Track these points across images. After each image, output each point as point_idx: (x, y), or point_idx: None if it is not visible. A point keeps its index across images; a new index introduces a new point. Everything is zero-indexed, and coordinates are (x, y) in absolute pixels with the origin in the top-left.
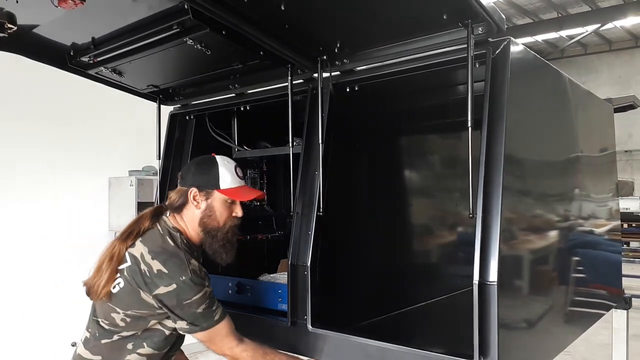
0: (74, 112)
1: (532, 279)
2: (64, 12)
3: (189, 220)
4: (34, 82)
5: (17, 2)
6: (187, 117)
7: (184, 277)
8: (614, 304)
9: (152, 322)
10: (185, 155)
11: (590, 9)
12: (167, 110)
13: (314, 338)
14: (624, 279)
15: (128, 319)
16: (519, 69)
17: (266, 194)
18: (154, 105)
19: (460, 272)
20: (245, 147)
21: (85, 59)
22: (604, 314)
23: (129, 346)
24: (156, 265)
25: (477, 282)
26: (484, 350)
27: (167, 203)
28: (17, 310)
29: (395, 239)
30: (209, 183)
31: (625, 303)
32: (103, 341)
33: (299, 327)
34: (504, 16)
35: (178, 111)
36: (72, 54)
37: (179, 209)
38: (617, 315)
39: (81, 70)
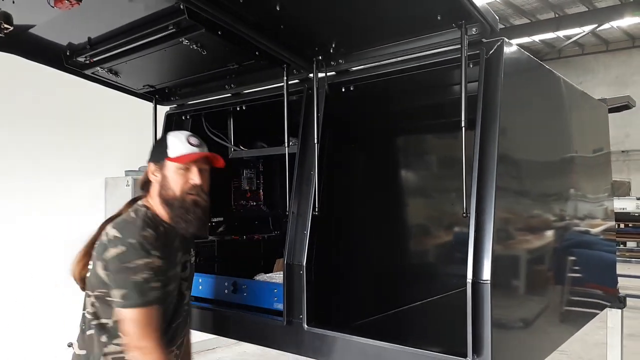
0: (70, 112)
1: (525, 278)
2: (60, 13)
3: (154, 196)
4: (29, 82)
5: (13, 2)
6: (183, 117)
7: (133, 240)
8: (609, 303)
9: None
10: None
11: (587, 9)
12: (163, 110)
13: (309, 337)
14: (620, 278)
15: (97, 303)
16: (512, 70)
17: (262, 194)
18: (151, 105)
19: (456, 271)
20: (242, 147)
21: (81, 59)
22: (598, 313)
23: (103, 338)
24: (112, 232)
25: (470, 281)
26: (477, 348)
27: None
28: (16, 311)
29: (391, 238)
30: (161, 154)
31: (619, 302)
32: (87, 333)
33: (294, 327)
34: (497, 17)
35: (174, 111)
36: (68, 54)
37: (145, 187)
38: (612, 315)
39: (77, 70)
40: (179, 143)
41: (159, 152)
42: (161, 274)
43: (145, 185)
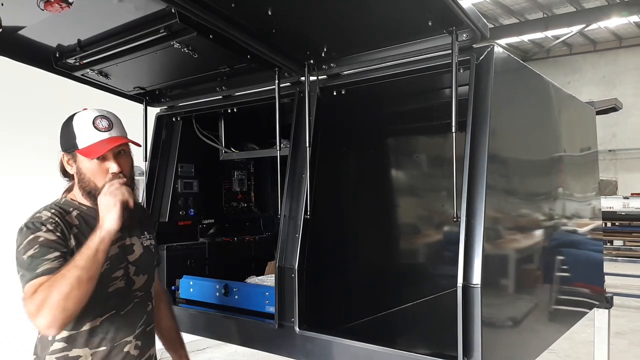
0: (58, 112)
1: (515, 279)
2: (49, 15)
3: (76, 184)
4: (19, 81)
5: (2, 4)
6: (173, 119)
7: (23, 224)
8: (597, 303)
9: None
10: (172, 156)
11: (575, 10)
12: (154, 111)
13: (301, 340)
14: (607, 277)
15: None
16: (502, 75)
17: (253, 196)
18: (141, 106)
19: (447, 272)
20: (233, 149)
21: (71, 60)
22: (587, 312)
23: (49, 337)
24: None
25: (461, 285)
26: (467, 351)
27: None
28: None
29: (382, 240)
30: (69, 145)
31: (606, 302)
32: (37, 337)
33: (286, 330)
34: (487, 23)
35: (165, 113)
36: (57, 55)
37: (66, 176)
38: (599, 314)
39: (67, 72)
40: (86, 130)
41: (66, 141)
42: (57, 247)
43: (65, 174)
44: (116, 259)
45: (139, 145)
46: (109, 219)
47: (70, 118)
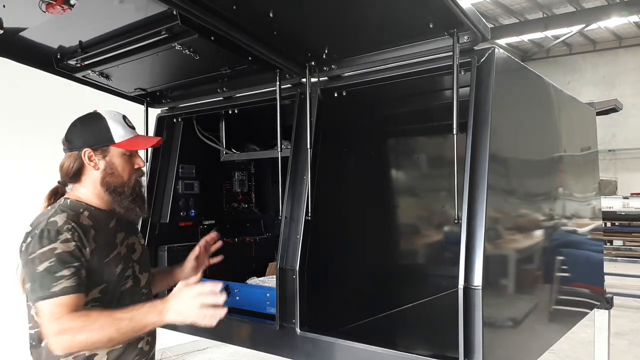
0: (60, 111)
1: (516, 281)
2: (51, 16)
3: (90, 184)
4: (17, 81)
5: (4, 6)
6: (174, 120)
7: (37, 230)
8: (597, 303)
9: None
10: (172, 157)
11: (575, 10)
12: (154, 112)
13: (302, 341)
14: (607, 277)
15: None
16: (503, 76)
17: (254, 196)
18: (142, 107)
19: (448, 273)
20: (234, 150)
21: (72, 62)
22: (587, 313)
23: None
24: (26, 230)
25: (462, 287)
26: (468, 352)
27: (61, 176)
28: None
29: (383, 242)
30: (102, 139)
31: (606, 303)
32: (41, 345)
33: (287, 331)
34: (488, 25)
35: (165, 114)
36: (59, 57)
37: (76, 176)
38: (599, 315)
39: (68, 73)
40: (120, 126)
41: (98, 136)
42: (72, 260)
43: (75, 175)
44: (126, 258)
45: (161, 141)
46: (179, 317)
47: (97, 115)
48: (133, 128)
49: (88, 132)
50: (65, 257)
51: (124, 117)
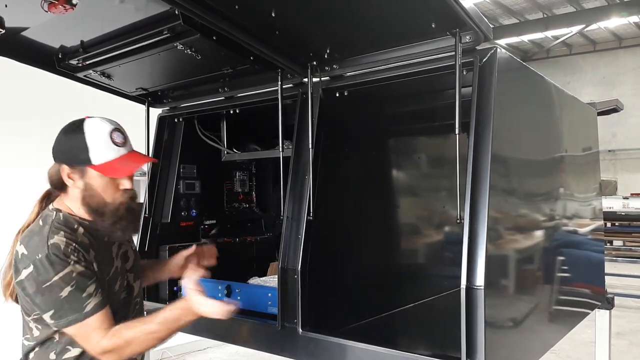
0: (60, 111)
1: (518, 281)
2: (53, 16)
3: (73, 198)
4: (19, 81)
5: (5, 6)
6: (175, 120)
7: (40, 255)
8: (598, 303)
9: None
10: (174, 157)
11: (575, 10)
12: (155, 112)
13: (304, 341)
14: (607, 277)
15: (39, 325)
16: (505, 76)
17: (255, 196)
18: (142, 106)
19: (450, 273)
20: (235, 150)
21: (74, 62)
22: (589, 313)
23: (52, 355)
24: (20, 250)
25: (464, 287)
26: (471, 352)
27: (48, 182)
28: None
29: (385, 242)
30: (78, 158)
31: (607, 303)
32: (32, 355)
33: (289, 331)
34: (490, 25)
35: (167, 114)
36: (60, 56)
37: (61, 187)
38: (600, 315)
39: (69, 73)
40: (101, 144)
41: (74, 154)
42: (90, 276)
43: (61, 186)
44: (122, 270)
45: (155, 161)
46: (208, 311)
47: (78, 127)
48: (122, 144)
49: (66, 147)
50: (84, 277)
51: (112, 131)
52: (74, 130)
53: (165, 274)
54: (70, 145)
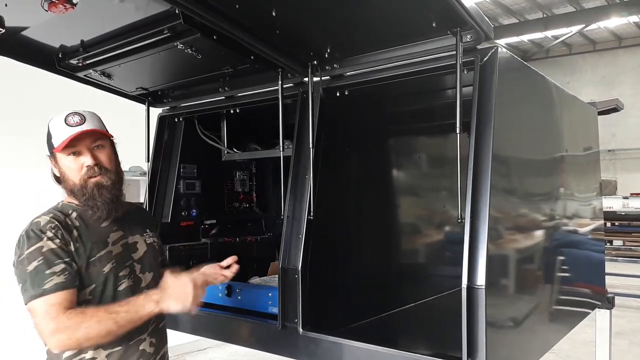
0: (60, 111)
1: (519, 280)
2: (53, 15)
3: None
4: (19, 80)
5: (6, 5)
6: (176, 120)
7: (24, 231)
8: (599, 303)
9: None
10: (174, 157)
11: (574, 10)
12: (156, 112)
13: (304, 341)
14: (607, 277)
15: None
16: (506, 76)
17: (255, 196)
18: (142, 106)
19: (451, 273)
20: (235, 150)
21: (74, 61)
22: (589, 313)
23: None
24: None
25: (465, 286)
26: (472, 352)
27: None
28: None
29: (385, 241)
30: (50, 147)
31: (608, 302)
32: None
33: (289, 331)
34: (491, 24)
35: (167, 113)
36: (60, 56)
37: (59, 181)
38: (601, 315)
39: (69, 72)
40: (59, 128)
41: (47, 144)
42: (61, 256)
43: (56, 179)
44: (121, 257)
45: (110, 136)
46: (174, 305)
47: (48, 124)
48: (77, 124)
49: (46, 142)
50: (53, 254)
51: (68, 115)
52: (47, 129)
53: None
54: (46, 140)
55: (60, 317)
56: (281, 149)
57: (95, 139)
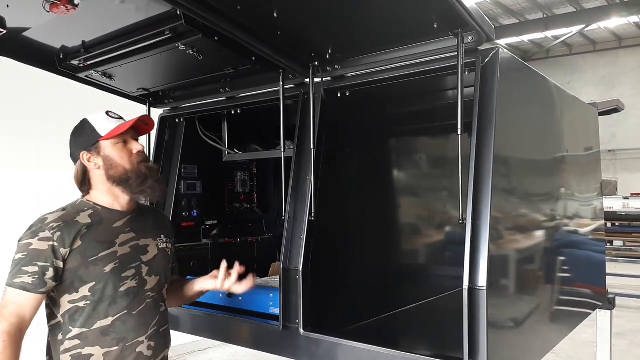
0: (60, 111)
1: (520, 281)
2: (54, 16)
3: (100, 184)
4: (19, 80)
5: (7, 6)
6: (177, 120)
7: (34, 221)
8: (600, 304)
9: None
10: (175, 157)
11: (575, 10)
12: (157, 112)
13: (305, 342)
14: (607, 277)
15: (48, 301)
16: (507, 77)
17: (256, 197)
18: (144, 107)
19: (452, 274)
20: (236, 150)
21: (75, 62)
22: (590, 313)
23: (59, 337)
24: None
25: (466, 287)
26: (473, 353)
27: (77, 186)
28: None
29: (386, 242)
30: (91, 138)
31: (609, 303)
32: (48, 339)
33: (290, 331)
34: (493, 25)
35: (168, 114)
36: (61, 57)
37: (86, 183)
38: (602, 315)
39: (71, 73)
40: (102, 119)
41: (86, 138)
42: (44, 259)
43: (84, 181)
44: (127, 258)
45: (153, 127)
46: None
47: (82, 122)
48: (119, 118)
49: (79, 138)
50: (36, 255)
51: (107, 112)
52: (80, 126)
53: (195, 288)
54: (82, 135)
55: (3, 328)
56: (282, 150)
57: (136, 132)
